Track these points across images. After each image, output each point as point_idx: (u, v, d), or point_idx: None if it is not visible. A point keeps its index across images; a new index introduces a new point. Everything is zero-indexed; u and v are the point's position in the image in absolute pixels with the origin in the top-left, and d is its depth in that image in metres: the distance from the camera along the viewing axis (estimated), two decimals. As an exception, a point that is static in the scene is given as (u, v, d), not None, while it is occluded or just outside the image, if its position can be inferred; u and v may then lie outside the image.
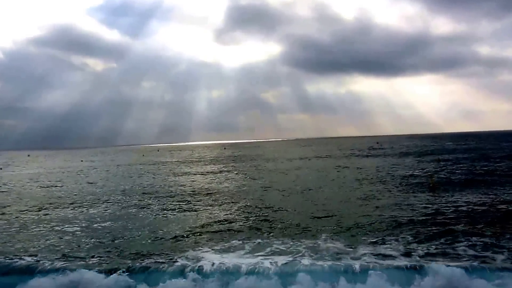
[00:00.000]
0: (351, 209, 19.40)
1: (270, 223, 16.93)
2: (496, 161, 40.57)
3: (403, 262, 11.31)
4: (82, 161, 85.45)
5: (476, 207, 18.46)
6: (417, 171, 35.25)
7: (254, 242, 13.97)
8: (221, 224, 17.26)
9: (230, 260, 11.93)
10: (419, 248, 12.56)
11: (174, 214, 19.84)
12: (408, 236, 13.89)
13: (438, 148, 75.31)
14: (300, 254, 12.30)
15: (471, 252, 12.05)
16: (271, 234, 15.10)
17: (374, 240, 13.53)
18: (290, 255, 12.23)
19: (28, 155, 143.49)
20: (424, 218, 16.70)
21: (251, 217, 18.47)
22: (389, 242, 13.26)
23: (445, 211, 17.96)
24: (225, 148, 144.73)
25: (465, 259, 11.44)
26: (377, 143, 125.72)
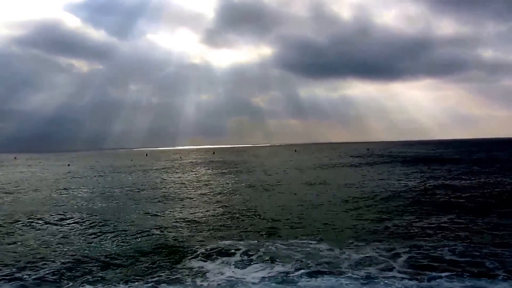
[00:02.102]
0: (340, 218, 19.57)
1: (262, 229, 16.93)
2: (483, 173, 40.62)
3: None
4: (68, 165, 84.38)
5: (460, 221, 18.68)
6: (405, 180, 35.56)
7: (247, 249, 13.94)
8: (212, 230, 17.28)
9: (224, 270, 11.96)
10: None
11: (164, 221, 19.66)
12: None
13: (430, 156, 76.06)
14: (296, 264, 12.31)
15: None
16: (264, 239, 15.10)
17: (365, 249, 13.69)
18: (285, 264, 12.23)
19: (15, 158, 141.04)
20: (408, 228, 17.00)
21: (243, 224, 18.52)
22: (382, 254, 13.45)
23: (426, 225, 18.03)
24: (214, 153, 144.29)
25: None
26: (368, 149, 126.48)
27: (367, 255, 12.95)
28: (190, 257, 13.49)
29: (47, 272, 12.25)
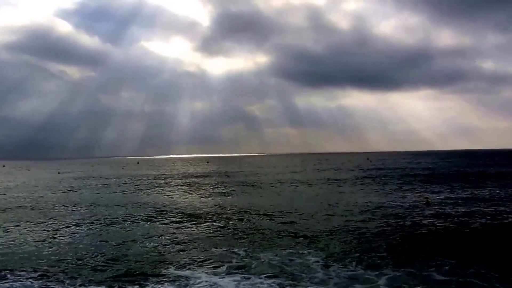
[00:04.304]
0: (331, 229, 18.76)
1: (251, 241, 16.36)
2: (484, 187, 38.02)
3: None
4: (59, 172, 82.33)
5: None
6: (404, 194, 34.79)
7: (235, 260, 13.71)
8: (203, 241, 16.89)
9: (205, 277, 12.09)
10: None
11: (152, 232, 18.88)
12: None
13: (430, 168, 74.98)
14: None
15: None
16: (254, 251, 14.74)
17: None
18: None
19: (4, 166, 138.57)
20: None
21: (232, 235, 17.91)
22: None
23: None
24: (208, 162, 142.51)
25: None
26: (368, 159, 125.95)
27: (354, 272, 12.50)
28: (174, 265, 13.48)
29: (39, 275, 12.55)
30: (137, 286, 11.48)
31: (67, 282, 11.99)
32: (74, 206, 28.33)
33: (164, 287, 11.41)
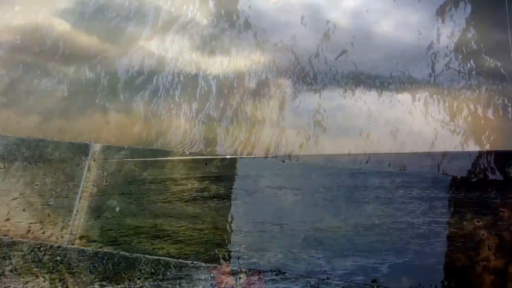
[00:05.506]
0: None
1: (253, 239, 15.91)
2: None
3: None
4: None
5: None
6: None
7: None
8: (203, 241, 15.58)
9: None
10: None
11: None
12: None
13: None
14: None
15: None
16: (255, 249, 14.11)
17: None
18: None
19: (0, 168, 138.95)
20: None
21: (235, 234, 17.24)
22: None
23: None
24: (206, 164, 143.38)
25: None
26: (367, 161, 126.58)
27: (357, 263, 11.98)
28: (174, 265, 12.18)
29: None
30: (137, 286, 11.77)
31: (66, 281, 12.28)
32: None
33: (164, 286, 11.69)
